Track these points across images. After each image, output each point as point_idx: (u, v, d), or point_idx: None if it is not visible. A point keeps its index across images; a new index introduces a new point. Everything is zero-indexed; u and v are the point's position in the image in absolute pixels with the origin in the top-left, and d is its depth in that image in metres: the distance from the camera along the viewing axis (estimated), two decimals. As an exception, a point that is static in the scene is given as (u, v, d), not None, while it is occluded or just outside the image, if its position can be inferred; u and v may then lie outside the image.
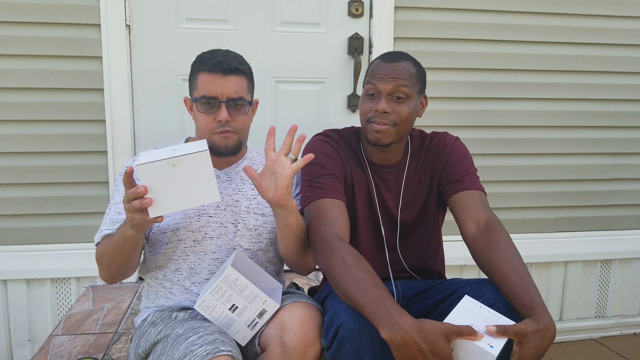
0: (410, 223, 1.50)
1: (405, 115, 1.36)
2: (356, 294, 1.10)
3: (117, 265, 1.30)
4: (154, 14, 2.21)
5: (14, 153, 2.17)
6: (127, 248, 1.25)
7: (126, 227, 1.20)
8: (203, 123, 1.36)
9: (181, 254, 1.38)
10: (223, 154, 1.38)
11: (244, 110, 1.38)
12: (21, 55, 2.12)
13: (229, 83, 1.34)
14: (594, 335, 2.70)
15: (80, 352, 1.68)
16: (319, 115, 2.39)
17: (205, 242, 1.39)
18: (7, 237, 2.21)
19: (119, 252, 1.26)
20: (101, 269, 1.35)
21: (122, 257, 1.28)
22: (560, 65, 2.48)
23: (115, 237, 1.26)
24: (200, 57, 1.39)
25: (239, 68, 1.37)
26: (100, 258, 1.33)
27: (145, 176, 1.08)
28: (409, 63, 1.38)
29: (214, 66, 1.34)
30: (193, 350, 1.09)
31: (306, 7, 2.31)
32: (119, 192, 1.40)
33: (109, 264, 1.31)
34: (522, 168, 2.53)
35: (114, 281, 1.38)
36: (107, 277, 1.36)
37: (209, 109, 1.35)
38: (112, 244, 1.27)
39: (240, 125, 1.38)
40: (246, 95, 1.38)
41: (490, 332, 1.03)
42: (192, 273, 1.39)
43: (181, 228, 1.38)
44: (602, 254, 2.63)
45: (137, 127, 2.26)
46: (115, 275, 1.35)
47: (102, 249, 1.33)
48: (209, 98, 1.34)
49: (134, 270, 1.38)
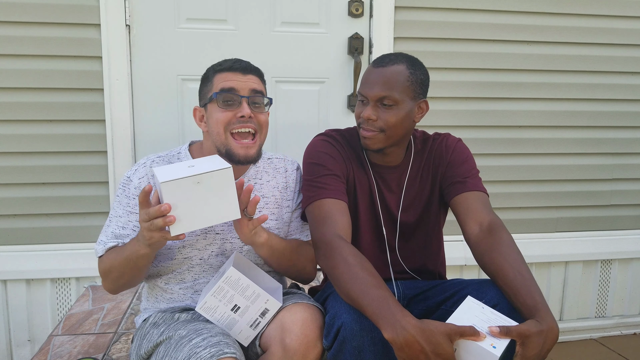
0: (411, 224, 1.49)
1: (393, 122, 1.34)
2: (358, 294, 1.10)
3: (125, 279, 1.30)
4: (154, 14, 2.21)
5: (14, 153, 2.16)
6: (139, 265, 1.24)
7: (140, 244, 1.18)
8: (220, 119, 1.30)
9: (186, 268, 1.38)
10: (242, 162, 1.33)
11: (263, 107, 1.37)
12: (21, 55, 2.11)
13: (249, 80, 1.34)
14: (594, 335, 2.70)
15: (80, 352, 1.67)
16: (319, 115, 2.39)
17: (212, 259, 1.38)
18: (7, 237, 2.20)
19: (130, 268, 1.25)
20: (107, 282, 1.33)
21: (132, 273, 1.27)
22: (560, 65, 2.48)
23: (126, 253, 1.24)
24: (214, 64, 1.38)
25: (257, 69, 1.38)
26: (107, 272, 1.31)
27: (169, 194, 1.06)
28: (401, 67, 1.35)
29: (234, 64, 1.34)
30: (197, 353, 1.08)
31: (306, 7, 2.31)
32: (121, 206, 1.36)
33: (117, 278, 1.30)
34: (522, 168, 2.53)
35: (119, 292, 1.37)
36: (113, 289, 1.35)
37: (228, 105, 1.31)
38: (122, 260, 1.25)
39: (262, 123, 1.36)
40: (265, 93, 1.38)
41: (493, 333, 1.03)
42: (195, 283, 1.39)
43: (187, 246, 1.35)
44: (602, 254, 2.64)
45: (137, 127, 2.26)
46: (122, 288, 1.34)
47: (109, 263, 1.30)
48: (227, 90, 1.31)
49: (142, 281, 1.37)
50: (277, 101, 2.34)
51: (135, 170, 1.38)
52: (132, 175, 1.37)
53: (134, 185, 1.36)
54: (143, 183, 1.35)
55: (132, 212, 1.35)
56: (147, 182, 1.35)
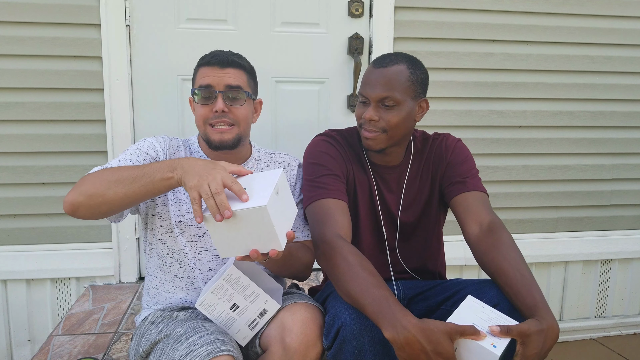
0: (411, 224, 1.49)
1: (395, 122, 1.35)
2: (359, 294, 1.10)
3: (113, 194, 1.13)
4: (154, 13, 2.21)
5: (14, 153, 2.16)
6: (154, 186, 1.12)
7: (176, 172, 1.09)
8: (199, 114, 1.36)
9: (182, 246, 1.38)
10: (218, 147, 1.36)
11: (241, 102, 1.37)
12: (21, 55, 2.11)
13: (225, 74, 1.35)
14: (594, 335, 2.70)
15: (80, 352, 1.67)
16: (319, 115, 2.39)
17: (206, 238, 1.39)
18: (7, 237, 2.20)
19: (137, 183, 1.12)
20: (84, 188, 1.14)
21: (134, 189, 1.13)
22: (560, 65, 2.48)
23: (147, 169, 1.13)
24: (201, 57, 1.41)
25: (237, 61, 1.38)
26: (94, 178, 1.15)
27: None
28: (402, 66, 1.35)
29: (212, 59, 1.36)
30: (194, 350, 1.09)
31: (306, 7, 2.31)
32: (130, 150, 1.35)
33: (104, 189, 1.13)
34: (522, 168, 2.53)
35: (79, 211, 1.15)
36: (81, 202, 1.13)
37: (206, 100, 1.35)
38: (132, 173, 1.13)
39: (239, 117, 1.37)
40: (245, 87, 1.38)
41: (493, 332, 1.03)
42: (192, 268, 1.39)
43: (183, 221, 1.38)
44: (602, 254, 2.64)
45: (137, 127, 2.26)
46: (95, 206, 1.14)
47: (103, 173, 1.16)
48: (204, 87, 1.35)
49: (114, 212, 1.19)
50: (277, 101, 2.34)
51: (153, 137, 1.42)
52: (150, 137, 1.41)
53: (150, 142, 1.39)
54: (159, 145, 1.39)
55: (142, 156, 1.34)
56: (163, 146, 1.39)
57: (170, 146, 1.41)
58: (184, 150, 1.44)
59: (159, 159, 1.37)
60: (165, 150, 1.39)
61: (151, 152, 1.37)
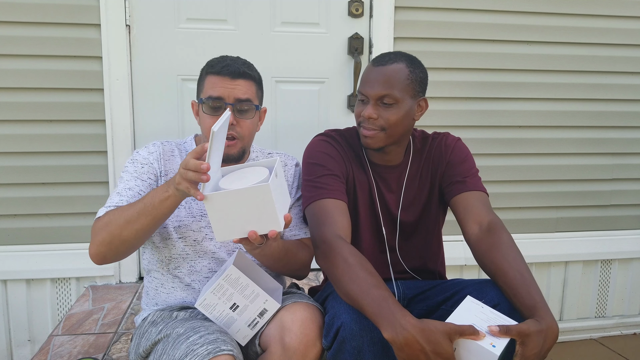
0: (411, 224, 1.49)
1: (394, 120, 1.35)
2: (358, 294, 1.10)
3: (128, 233, 1.19)
4: (154, 13, 2.21)
5: (14, 153, 2.16)
6: (157, 210, 1.17)
7: (167, 186, 1.15)
8: (207, 124, 1.35)
9: (181, 252, 1.38)
10: (224, 160, 1.35)
11: (250, 115, 1.37)
12: (21, 55, 2.11)
13: (236, 86, 1.34)
14: (594, 335, 2.70)
15: (80, 352, 1.67)
16: (319, 115, 2.39)
17: (205, 242, 1.39)
18: (7, 237, 2.20)
19: (144, 216, 1.17)
20: (101, 238, 1.21)
21: (143, 222, 1.18)
22: (560, 65, 2.48)
23: (145, 200, 1.18)
24: (209, 62, 1.39)
25: (248, 73, 1.37)
26: (105, 226, 1.21)
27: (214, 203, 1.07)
28: (401, 65, 1.35)
29: (223, 69, 1.34)
30: (194, 350, 1.09)
31: (306, 7, 2.31)
32: (128, 173, 1.36)
33: (119, 232, 1.19)
34: (522, 168, 2.53)
35: (107, 258, 1.23)
36: (104, 252, 1.22)
37: (215, 111, 1.34)
38: (135, 209, 1.18)
39: (245, 132, 1.38)
40: (254, 99, 1.38)
41: (492, 332, 1.03)
42: (192, 271, 1.39)
43: (182, 226, 1.37)
44: (602, 254, 2.64)
45: (137, 127, 2.26)
46: (117, 249, 1.22)
47: (112, 216, 1.22)
48: (214, 99, 1.33)
49: (138, 246, 1.26)
50: (277, 101, 2.34)
51: (145, 147, 1.42)
52: (141, 150, 1.41)
53: (143, 156, 1.39)
54: (152, 157, 1.39)
55: (139, 178, 1.35)
56: (156, 157, 1.39)
57: (164, 153, 1.41)
58: (179, 154, 1.44)
59: (155, 170, 1.38)
60: (159, 160, 1.39)
61: (146, 167, 1.37)
